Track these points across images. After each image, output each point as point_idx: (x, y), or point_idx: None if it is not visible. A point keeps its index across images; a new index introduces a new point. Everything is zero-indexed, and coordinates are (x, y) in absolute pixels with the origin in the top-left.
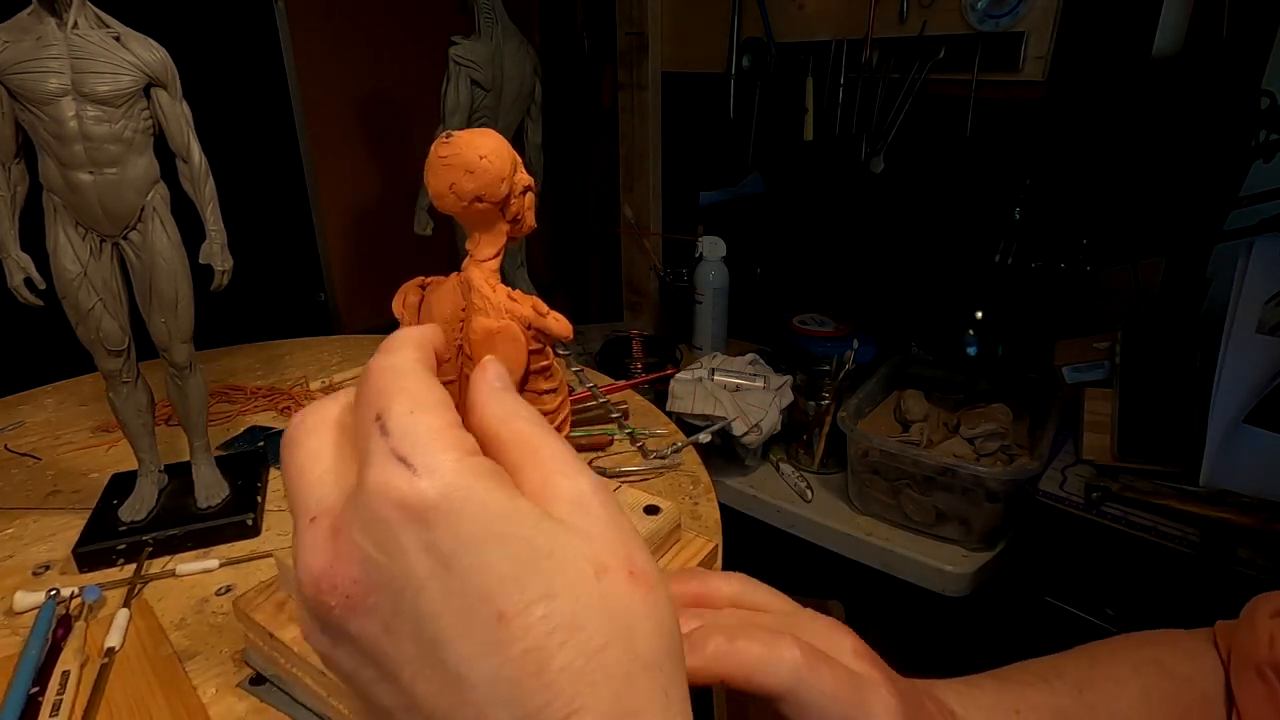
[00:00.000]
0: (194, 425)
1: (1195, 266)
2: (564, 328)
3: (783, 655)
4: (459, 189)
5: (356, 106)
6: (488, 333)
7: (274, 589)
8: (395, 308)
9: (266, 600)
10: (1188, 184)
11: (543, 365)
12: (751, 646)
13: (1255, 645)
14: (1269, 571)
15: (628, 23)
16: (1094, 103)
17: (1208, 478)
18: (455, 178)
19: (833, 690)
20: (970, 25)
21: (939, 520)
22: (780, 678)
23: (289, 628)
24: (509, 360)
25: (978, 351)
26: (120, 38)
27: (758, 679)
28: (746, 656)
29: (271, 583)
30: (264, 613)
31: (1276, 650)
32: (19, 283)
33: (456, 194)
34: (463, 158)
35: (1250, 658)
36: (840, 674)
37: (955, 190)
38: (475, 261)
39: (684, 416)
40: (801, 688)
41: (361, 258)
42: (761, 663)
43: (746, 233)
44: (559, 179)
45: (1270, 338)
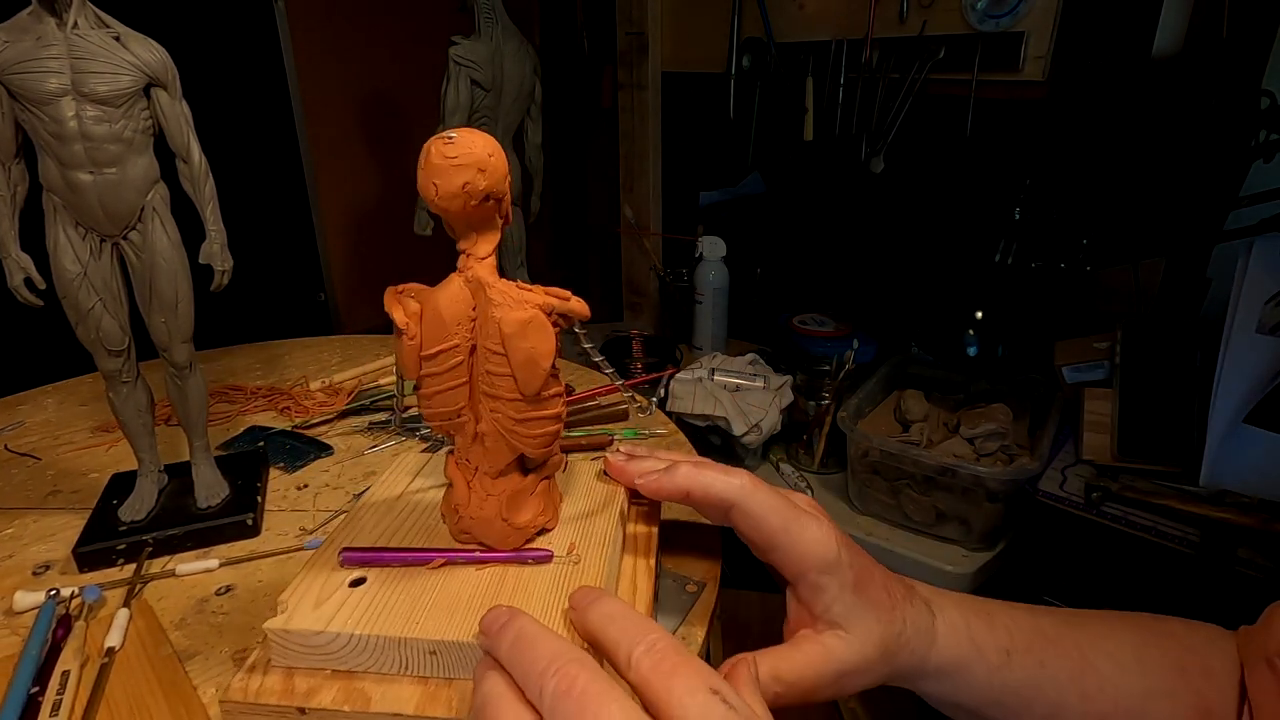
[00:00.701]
0: (194, 425)
1: (1195, 266)
2: (585, 307)
3: (734, 478)
4: (473, 188)
5: (356, 106)
6: (521, 324)
7: (251, 667)
8: (398, 318)
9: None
10: (1188, 184)
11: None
12: (712, 470)
13: (1269, 640)
14: (1269, 572)
15: (628, 23)
16: (1094, 103)
17: (1208, 478)
18: (469, 176)
19: (771, 504)
20: (970, 25)
21: (939, 520)
22: (731, 490)
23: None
24: (542, 348)
25: (978, 351)
26: (120, 38)
27: (715, 490)
28: (707, 476)
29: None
30: (274, 692)
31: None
32: (19, 283)
33: (470, 193)
34: (474, 156)
35: (1263, 651)
36: (781, 498)
37: (955, 190)
38: (477, 260)
39: (684, 416)
40: (747, 499)
41: (361, 258)
42: (718, 480)
43: (746, 233)
44: (559, 179)
45: (1270, 338)
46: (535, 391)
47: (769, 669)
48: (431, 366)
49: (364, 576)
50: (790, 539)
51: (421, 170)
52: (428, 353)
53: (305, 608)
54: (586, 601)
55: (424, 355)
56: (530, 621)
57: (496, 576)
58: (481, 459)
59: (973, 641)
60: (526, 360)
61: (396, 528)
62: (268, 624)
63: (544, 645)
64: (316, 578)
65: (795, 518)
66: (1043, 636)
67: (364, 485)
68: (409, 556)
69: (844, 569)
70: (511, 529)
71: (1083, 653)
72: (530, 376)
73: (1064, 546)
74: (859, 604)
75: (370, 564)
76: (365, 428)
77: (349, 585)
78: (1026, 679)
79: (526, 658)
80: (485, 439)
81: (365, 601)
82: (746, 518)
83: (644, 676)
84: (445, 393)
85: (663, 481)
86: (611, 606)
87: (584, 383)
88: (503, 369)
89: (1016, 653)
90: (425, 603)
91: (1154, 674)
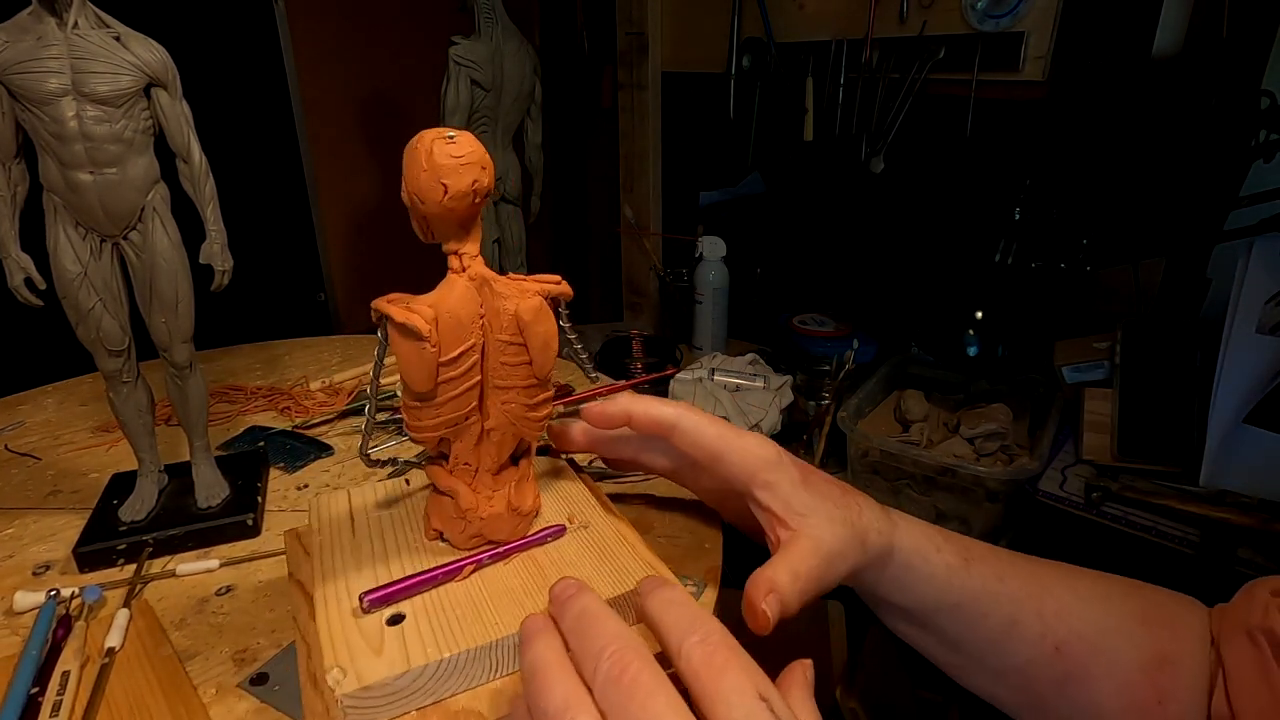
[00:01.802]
0: (194, 425)
1: (1195, 266)
2: (569, 289)
3: (669, 405)
4: (480, 185)
5: (356, 106)
6: (536, 310)
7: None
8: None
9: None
10: (1188, 184)
11: None
12: (650, 398)
13: (1250, 612)
14: (1269, 572)
15: (628, 23)
16: (1094, 103)
17: (1208, 478)
18: (476, 175)
19: (708, 418)
20: (970, 25)
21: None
22: (667, 413)
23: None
24: (552, 329)
25: (978, 351)
26: (120, 38)
27: (654, 413)
28: (646, 401)
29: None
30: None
31: (1270, 618)
32: (19, 283)
33: (477, 190)
34: (478, 154)
35: (1243, 624)
36: (720, 419)
37: (955, 190)
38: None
39: None
40: (684, 417)
41: (361, 258)
42: (655, 405)
43: (746, 233)
44: (559, 179)
45: (1270, 338)
46: (549, 372)
47: (787, 570)
48: (450, 370)
49: (400, 613)
50: (731, 445)
51: (425, 172)
52: (448, 357)
53: (366, 660)
54: (650, 587)
55: (443, 361)
56: (595, 599)
57: (530, 563)
58: (486, 456)
59: (930, 540)
60: (543, 343)
61: (383, 561)
62: (341, 691)
63: (606, 625)
64: (349, 631)
65: (732, 429)
66: (1005, 559)
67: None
68: (437, 576)
69: (788, 466)
70: (520, 517)
71: (1042, 581)
72: (546, 359)
73: (1064, 547)
74: (812, 497)
75: (396, 599)
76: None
77: (389, 624)
78: (984, 589)
79: (590, 633)
80: (493, 434)
81: (422, 630)
82: (686, 434)
83: (694, 668)
84: (461, 395)
85: (606, 408)
86: (673, 593)
87: (584, 383)
88: (518, 358)
89: (975, 561)
90: (485, 605)
91: (1115, 615)
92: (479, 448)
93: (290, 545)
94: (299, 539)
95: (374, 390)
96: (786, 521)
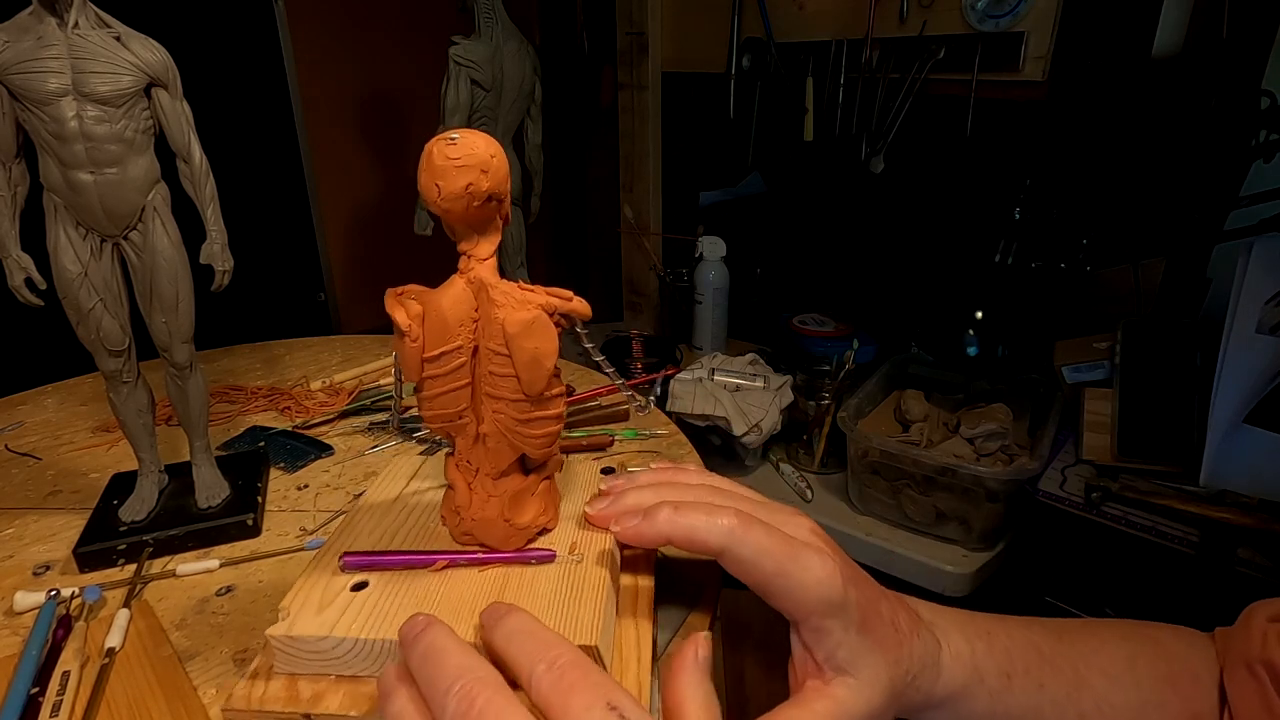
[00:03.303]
0: (194, 425)
1: (1195, 266)
2: (586, 307)
3: (719, 520)
4: (476, 189)
5: (356, 106)
6: (524, 324)
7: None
8: (400, 320)
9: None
10: (1188, 184)
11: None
12: (694, 514)
13: (1249, 644)
14: (1269, 572)
15: (628, 23)
16: (1094, 103)
17: (1208, 478)
18: (472, 177)
19: (764, 545)
20: (970, 25)
21: (939, 520)
22: (716, 537)
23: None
24: (545, 347)
25: (978, 351)
26: (121, 38)
27: (698, 539)
28: (689, 520)
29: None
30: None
31: (1269, 649)
32: (20, 283)
33: (473, 194)
34: (477, 157)
35: (1243, 656)
36: (775, 536)
37: (955, 190)
38: (479, 261)
39: (684, 416)
40: (735, 544)
41: (361, 258)
42: (701, 526)
43: (746, 233)
44: (559, 179)
45: (1270, 338)
46: (539, 392)
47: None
48: (434, 368)
49: (366, 580)
50: (788, 583)
51: (424, 171)
52: (430, 354)
53: (308, 613)
54: (495, 618)
55: (426, 357)
56: (443, 633)
57: (500, 577)
58: (483, 460)
59: (976, 668)
60: (530, 360)
61: (395, 531)
62: (270, 630)
63: (450, 661)
64: (318, 582)
65: (792, 557)
66: (1040, 655)
67: (364, 485)
68: (411, 559)
69: (849, 609)
70: (513, 530)
71: (1078, 670)
72: (534, 376)
73: (1064, 546)
74: (866, 645)
75: (372, 568)
76: (365, 428)
77: (351, 589)
78: (1027, 703)
79: (433, 673)
80: (487, 440)
81: (369, 605)
82: (738, 564)
83: (544, 695)
84: (447, 394)
85: (642, 530)
86: (518, 622)
87: (584, 383)
88: (506, 369)
89: (1016, 675)
90: (428, 606)
91: (1146, 685)
92: (476, 449)
93: None
94: None
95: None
96: (823, 671)
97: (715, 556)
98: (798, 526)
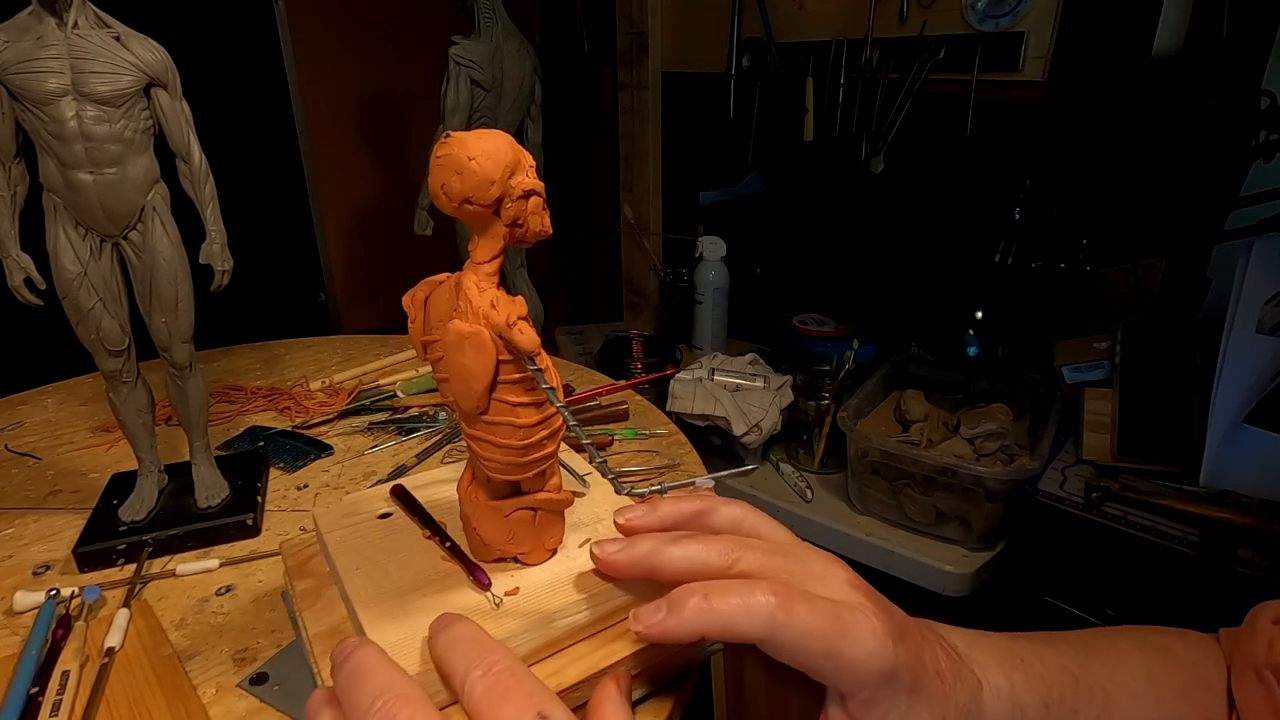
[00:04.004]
0: (194, 425)
1: (1195, 266)
2: (528, 340)
3: (756, 603)
4: (449, 189)
5: (356, 106)
6: (460, 336)
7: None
8: (405, 302)
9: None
10: (1188, 184)
11: (515, 377)
12: (727, 600)
13: (1255, 648)
14: (1269, 572)
15: (628, 23)
16: (1094, 103)
17: (1208, 478)
18: (445, 178)
19: (810, 626)
20: (970, 25)
21: (939, 520)
22: (755, 624)
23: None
24: (475, 368)
25: (978, 351)
26: (120, 38)
27: (735, 629)
28: (723, 611)
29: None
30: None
31: (1276, 653)
32: (19, 283)
33: (447, 194)
34: (454, 159)
35: (1250, 660)
36: (819, 609)
37: (955, 190)
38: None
39: (684, 416)
40: (778, 630)
41: (361, 258)
42: (737, 614)
43: (746, 233)
44: (559, 179)
45: (1270, 338)
46: (469, 409)
47: None
48: (428, 354)
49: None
50: (838, 663)
51: None
52: (426, 339)
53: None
54: (440, 627)
55: (424, 340)
56: (371, 653)
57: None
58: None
59: (1016, 702)
60: (460, 375)
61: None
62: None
63: (375, 679)
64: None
65: (841, 635)
66: (1073, 680)
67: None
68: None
69: (901, 674)
70: (480, 541)
71: (1106, 691)
72: (464, 392)
73: (1064, 546)
74: (914, 706)
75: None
76: (365, 428)
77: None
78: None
79: (356, 693)
80: None
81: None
82: (781, 651)
83: (475, 702)
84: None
85: (669, 627)
86: (459, 630)
87: (584, 383)
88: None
89: (1054, 704)
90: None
91: (1166, 700)
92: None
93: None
94: None
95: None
96: None
97: (755, 644)
98: (835, 581)
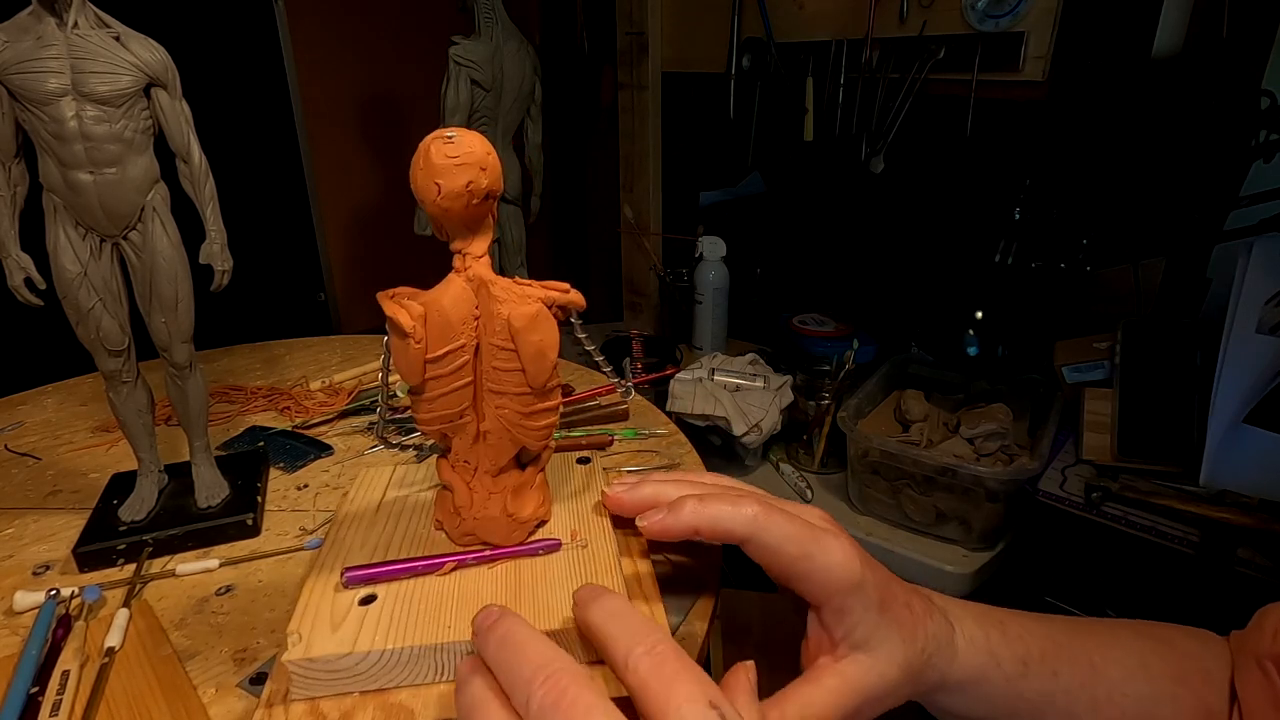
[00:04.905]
0: (194, 425)
1: (1195, 266)
2: (581, 298)
3: (743, 509)
4: (476, 186)
5: (356, 106)
6: (530, 318)
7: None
8: (404, 321)
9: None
10: (1188, 184)
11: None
12: (719, 504)
13: (1259, 640)
14: (1269, 572)
15: (628, 23)
16: (1094, 103)
17: (1208, 478)
18: (472, 175)
19: (786, 532)
20: (970, 25)
21: (939, 520)
22: (740, 524)
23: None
24: (549, 339)
25: (978, 351)
26: (120, 38)
27: (723, 527)
28: (713, 511)
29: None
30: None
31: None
32: (19, 283)
33: (473, 191)
34: (475, 155)
35: (1254, 652)
36: (796, 522)
37: (955, 190)
38: (475, 259)
39: (684, 416)
40: (760, 531)
41: (361, 258)
42: (726, 515)
43: (746, 233)
44: (559, 179)
45: (1270, 338)
46: (543, 383)
47: (797, 712)
48: (437, 369)
49: (373, 594)
50: (811, 566)
51: (421, 171)
52: (434, 355)
53: (322, 633)
54: (590, 597)
55: (429, 359)
56: (519, 624)
57: (512, 572)
58: (483, 457)
59: (991, 653)
60: (536, 353)
61: (388, 542)
62: (286, 657)
63: (532, 650)
64: (322, 601)
65: (814, 541)
66: (1055, 644)
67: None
68: (417, 566)
69: (868, 589)
70: (516, 524)
71: (1092, 660)
72: (539, 368)
73: (1064, 546)
74: (883, 624)
75: (376, 580)
76: (365, 428)
77: (359, 604)
78: (1041, 689)
79: (513, 662)
80: (489, 437)
81: (385, 616)
82: (762, 550)
83: (642, 679)
84: (450, 394)
85: (668, 523)
86: (615, 603)
87: (584, 383)
88: (510, 364)
89: (1032, 662)
90: (449, 607)
91: (1158, 680)
92: (476, 447)
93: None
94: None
95: (385, 377)
96: (836, 649)
97: (740, 544)
98: (811, 514)
